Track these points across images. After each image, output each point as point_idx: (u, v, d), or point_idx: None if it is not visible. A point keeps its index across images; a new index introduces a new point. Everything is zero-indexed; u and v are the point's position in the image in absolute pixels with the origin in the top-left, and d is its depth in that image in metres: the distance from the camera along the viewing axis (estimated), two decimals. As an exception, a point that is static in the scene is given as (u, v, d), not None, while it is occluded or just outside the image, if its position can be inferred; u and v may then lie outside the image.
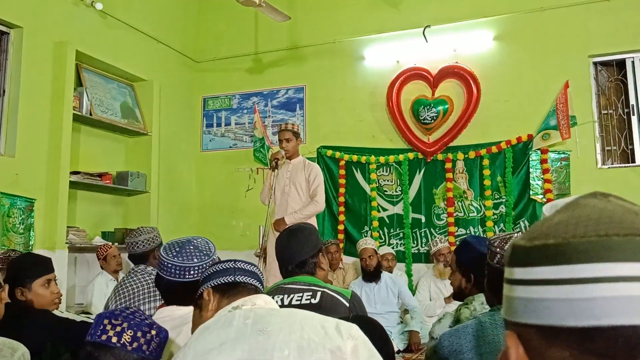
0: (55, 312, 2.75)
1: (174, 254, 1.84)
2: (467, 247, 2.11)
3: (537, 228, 0.55)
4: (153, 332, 1.42)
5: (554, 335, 0.51)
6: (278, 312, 1.14)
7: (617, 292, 0.48)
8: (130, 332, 1.38)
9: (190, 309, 1.60)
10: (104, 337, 1.38)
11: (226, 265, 1.51)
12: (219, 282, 1.47)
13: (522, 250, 0.55)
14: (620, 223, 0.51)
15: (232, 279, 1.46)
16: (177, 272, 1.82)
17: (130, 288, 2.99)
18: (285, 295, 2.00)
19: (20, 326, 2.21)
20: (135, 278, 3.04)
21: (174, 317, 1.82)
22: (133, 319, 1.41)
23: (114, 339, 1.37)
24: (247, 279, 1.47)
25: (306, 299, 1.94)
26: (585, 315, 0.49)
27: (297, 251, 2.11)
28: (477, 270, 2.00)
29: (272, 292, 2.04)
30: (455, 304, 2.27)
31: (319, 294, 1.96)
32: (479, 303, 2.05)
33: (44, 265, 2.59)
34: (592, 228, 0.51)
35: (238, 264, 1.51)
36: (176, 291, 1.83)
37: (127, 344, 1.37)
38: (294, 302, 1.95)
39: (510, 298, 0.56)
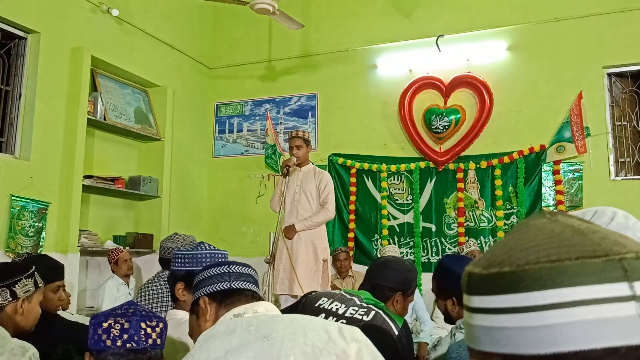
0: (66, 314, 2.78)
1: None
2: (443, 271, 2.11)
3: (491, 254, 0.55)
4: (161, 325, 1.40)
5: None
6: (281, 319, 1.13)
7: (574, 317, 0.48)
8: (151, 326, 1.39)
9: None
10: (108, 342, 1.37)
11: (220, 270, 1.47)
12: (215, 290, 1.44)
13: (478, 278, 0.54)
14: (570, 246, 0.50)
15: (228, 285, 1.44)
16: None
17: (153, 291, 3.05)
18: (343, 305, 2.03)
19: (33, 331, 2.23)
20: (158, 283, 3.09)
21: (187, 319, 1.85)
22: (134, 314, 1.40)
23: (126, 336, 1.36)
24: (244, 284, 1.45)
25: (359, 314, 1.96)
26: (545, 343, 0.49)
27: (387, 276, 2.14)
28: (457, 291, 2.01)
29: (334, 297, 2.07)
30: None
31: (372, 313, 1.97)
32: None
33: (58, 271, 2.62)
34: (544, 253, 0.51)
35: (232, 268, 1.48)
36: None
37: (145, 340, 1.37)
38: (347, 315, 1.97)
39: (470, 326, 0.55)
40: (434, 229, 5.76)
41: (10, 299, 2.05)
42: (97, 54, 5.09)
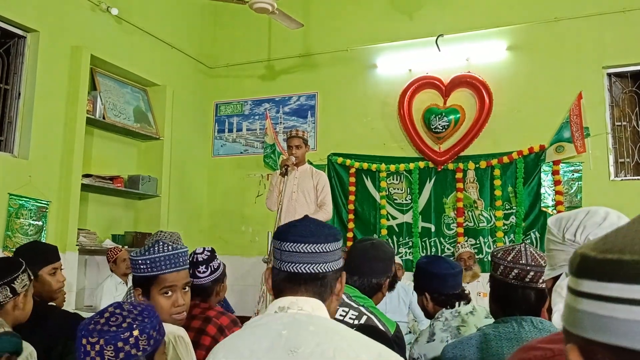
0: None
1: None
2: (417, 270, 2.33)
3: (609, 240, 0.52)
4: (135, 333, 1.31)
5: (626, 357, 0.48)
6: (316, 332, 1.07)
7: None
8: (110, 347, 1.28)
9: None
10: (87, 359, 1.29)
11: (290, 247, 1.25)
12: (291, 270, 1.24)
13: (592, 261, 0.51)
14: None
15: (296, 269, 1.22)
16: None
17: None
18: None
19: (32, 323, 2.23)
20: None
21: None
22: (108, 331, 1.30)
23: (98, 359, 1.28)
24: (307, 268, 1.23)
25: (350, 318, 1.90)
26: None
27: (371, 269, 2.07)
28: (430, 288, 2.23)
29: None
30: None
31: (364, 318, 1.91)
32: (449, 312, 2.11)
33: (51, 254, 2.62)
34: None
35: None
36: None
37: (113, 358, 1.28)
38: (336, 317, 1.89)
39: (575, 310, 0.53)
40: (433, 229, 5.75)
41: (11, 295, 2.06)
42: (96, 52, 5.08)
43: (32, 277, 2.18)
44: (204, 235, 6.44)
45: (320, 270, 1.19)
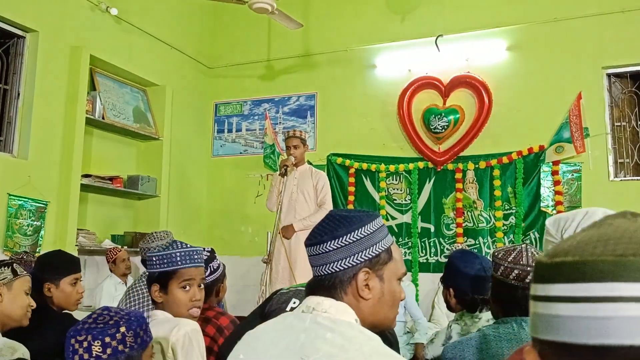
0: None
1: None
2: (450, 264, 2.28)
3: (561, 245, 0.56)
4: (122, 329, 1.35)
5: (566, 351, 0.51)
6: (332, 341, 1.03)
7: (632, 312, 0.49)
8: (98, 343, 1.32)
9: None
10: (76, 358, 1.32)
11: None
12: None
13: (542, 267, 0.56)
14: (638, 243, 0.51)
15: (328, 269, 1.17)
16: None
17: (140, 292, 3.00)
18: None
19: (40, 328, 2.23)
20: (145, 283, 3.05)
21: (168, 318, 1.85)
22: (95, 327, 1.34)
23: (86, 356, 1.31)
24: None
25: None
26: (598, 334, 0.49)
27: None
28: (456, 286, 2.20)
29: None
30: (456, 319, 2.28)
31: None
32: (469, 318, 2.08)
33: (75, 264, 2.64)
34: (610, 247, 0.51)
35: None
36: None
37: (101, 354, 1.32)
38: None
39: (533, 314, 0.57)
40: (432, 229, 5.75)
41: None
42: (95, 52, 5.08)
43: (19, 273, 2.17)
44: (204, 235, 6.44)
45: (328, 272, 1.14)
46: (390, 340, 1.77)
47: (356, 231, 1.15)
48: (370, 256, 1.15)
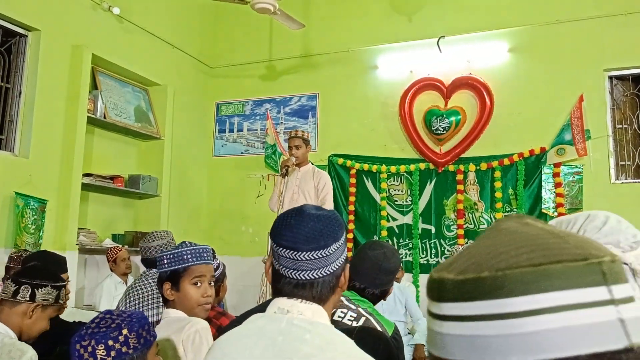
0: (65, 310, 2.77)
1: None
2: None
3: (463, 259, 0.52)
4: (125, 331, 1.38)
5: None
6: (311, 342, 1.04)
7: (559, 323, 0.46)
8: (101, 346, 1.35)
9: None
10: None
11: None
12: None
13: (451, 284, 0.51)
14: (550, 250, 0.49)
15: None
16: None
17: (140, 291, 3.00)
18: None
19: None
20: (145, 282, 3.04)
21: (180, 317, 1.86)
22: (98, 332, 1.38)
23: None
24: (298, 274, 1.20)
25: (348, 319, 1.88)
26: (530, 349, 0.46)
27: (381, 281, 2.01)
28: None
29: None
30: None
31: (362, 319, 1.89)
32: None
33: (60, 265, 2.61)
34: (525, 257, 0.49)
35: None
36: None
37: (106, 357, 1.35)
38: (335, 317, 1.88)
39: (440, 334, 0.52)
40: (433, 231, 5.75)
41: (28, 298, 2.05)
42: (97, 52, 5.08)
43: (60, 301, 2.16)
44: (204, 235, 6.44)
45: (320, 275, 1.13)
46: (394, 345, 1.76)
47: (344, 230, 1.19)
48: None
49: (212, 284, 2.01)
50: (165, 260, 1.93)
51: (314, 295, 1.13)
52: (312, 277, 1.12)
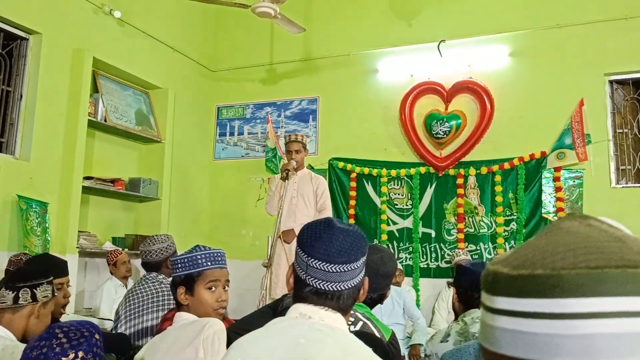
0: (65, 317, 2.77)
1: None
2: (462, 268, 2.33)
3: (520, 254, 0.52)
4: (71, 356, 1.32)
5: None
6: (333, 344, 1.07)
7: (614, 329, 0.46)
8: None
9: None
10: None
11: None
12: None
13: (505, 278, 0.51)
14: (610, 254, 0.48)
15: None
16: None
17: (140, 295, 3.00)
18: None
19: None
20: (145, 286, 3.04)
21: (194, 319, 1.86)
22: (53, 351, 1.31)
23: None
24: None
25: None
26: (578, 353, 0.46)
27: (378, 285, 2.01)
28: (459, 284, 2.27)
29: None
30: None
31: (360, 324, 1.89)
32: (470, 318, 2.09)
33: (61, 268, 2.61)
34: (582, 258, 0.48)
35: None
36: None
37: None
38: None
39: (491, 327, 0.53)
40: (433, 235, 5.75)
41: (31, 300, 2.06)
42: (98, 55, 5.09)
43: (55, 294, 2.18)
44: (205, 238, 6.43)
45: (347, 287, 1.18)
46: (391, 351, 1.77)
47: (367, 242, 1.25)
48: None
49: (227, 288, 2.00)
50: (179, 264, 1.91)
51: (340, 307, 1.18)
52: (340, 289, 1.17)
